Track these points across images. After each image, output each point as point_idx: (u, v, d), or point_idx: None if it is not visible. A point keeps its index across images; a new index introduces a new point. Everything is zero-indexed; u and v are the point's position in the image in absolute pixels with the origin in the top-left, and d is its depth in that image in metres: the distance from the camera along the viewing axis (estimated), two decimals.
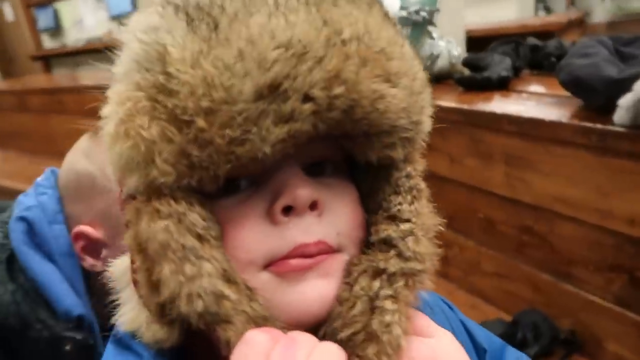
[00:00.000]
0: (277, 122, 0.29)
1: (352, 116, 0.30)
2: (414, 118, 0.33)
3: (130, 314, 0.35)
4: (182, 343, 0.33)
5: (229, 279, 0.30)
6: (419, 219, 0.35)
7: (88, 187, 0.69)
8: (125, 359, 0.35)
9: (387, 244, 0.34)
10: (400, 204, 0.35)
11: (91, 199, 0.68)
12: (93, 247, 0.68)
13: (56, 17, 5.74)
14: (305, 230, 0.32)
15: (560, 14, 4.84)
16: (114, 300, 0.37)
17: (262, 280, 0.32)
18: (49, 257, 0.67)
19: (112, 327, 0.37)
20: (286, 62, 0.28)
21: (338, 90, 0.29)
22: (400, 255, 0.34)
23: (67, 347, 0.65)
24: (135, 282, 0.34)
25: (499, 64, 1.24)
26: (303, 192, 0.31)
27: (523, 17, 3.94)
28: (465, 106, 1.15)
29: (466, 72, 1.31)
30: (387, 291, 0.33)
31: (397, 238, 0.34)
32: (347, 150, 0.34)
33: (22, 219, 0.67)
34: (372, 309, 0.32)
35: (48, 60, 6.05)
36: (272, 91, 0.29)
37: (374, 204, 0.36)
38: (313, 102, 0.29)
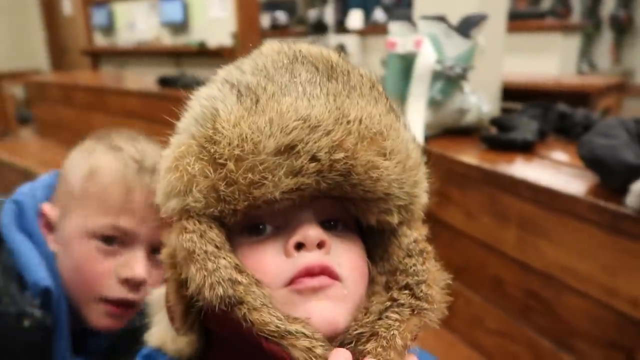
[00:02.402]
0: (288, 174, 0.38)
1: (350, 179, 0.39)
2: (407, 189, 0.42)
3: (159, 333, 0.45)
4: (201, 355, 0.42)
5: (240, 270, 0.38)
6: (430, 275, 0.43)
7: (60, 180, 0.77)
8: None
9: (405, 287, 0.42)
10: (414, 265, 0.43)
11: (58, 185, 0.76)
12: (49, 226, 0.74)
13: (111, 16, 6.00)
14: (311, 257, 0.40)
15: (599, 76, 4.81)
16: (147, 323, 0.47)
17: (281, 295, 0.39)
18: (31, 237, 0.72)
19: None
20: (302, 131, 0.38)
21: (339, 155, 0.38)
22: (413, 295, 0.41)
23: (26, 323, 0.66)
24: (167, 302, 0.43)
25: (526, 127, 1.27)
26: (313, 232, 0.39)
27: (562, 74, 3.93)
28: (486, 165, 1.18)
29: (493, 130, 1.34)
30: (395, 309, 0.41)
31: (413, 284, 0.42)
32: (352, 213, 0.43)
33: (14, 201, 0.74)
34: (380, 318, 0.40)
35: (97, 57, 6.30)
36: (288, 150, 0.38)
37: (390, 266, 0.43)
38: (318, 162, 0.38)
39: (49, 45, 6.86)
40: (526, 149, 1.23)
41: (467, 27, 1.36)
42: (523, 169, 1.15)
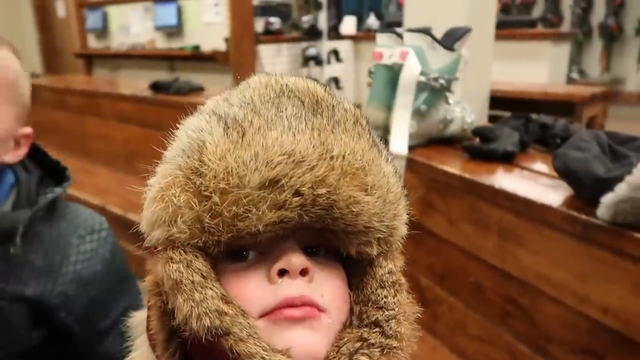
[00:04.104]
0: (271, 208, 0.38)
1: (332, 214, 0.40)
2: (387, 223, 0.42)
3: (139, 358, 0.46)
4: None
5: (227, 301, 0.39)
6: (401, 308, 0.43)
7: None
8: None
9: (375, 325, 0.42)
10: (386, 297, 0.43)
11: None
12: None
13: (105, 19, 6.00)
14: (294, 288, 0.40)
15: (586, 86, 4.88)
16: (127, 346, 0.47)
17: (261, 324, 0.39)
18: None
19: None
20: (286, 165, 0.38)
21: (321, 190, 0.39)
22: (383, 333, 0.42)
23: None
24: (148, 329, 0.43)
25: (507, 138, 1.30)
26: (296, 259, 0.40)
27: (552, 82, 3.98)
28: (467, 175, 1.22)
29: (476, 140, 1.38)
30: (366, 351, 0.41)
31: (383, 321, 0.42)
32: (332, 244, 0.43)
33: None
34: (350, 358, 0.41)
35: (91, 60, 6.30)
36: (272, 184, 0.38)
37: (363, 296, 0.44)
38: (301, 197, 0.38)
39: (42, 48, 6.86)
40: (507, 159, 1.27)
41: (451, 39, 1.40)
42: (503, 179, 1.18)
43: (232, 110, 0.42)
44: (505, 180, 1.17)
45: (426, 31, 1.37)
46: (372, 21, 5.99)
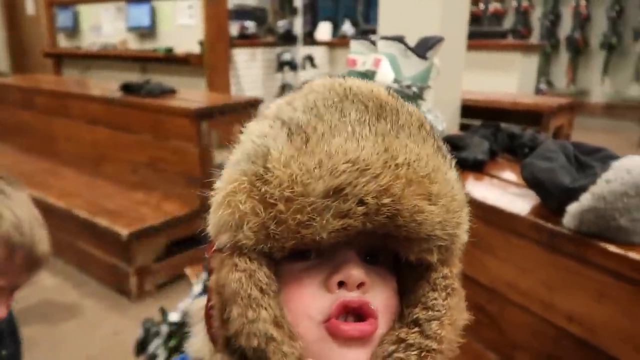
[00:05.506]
0: (335, 216, 0.38)
1: (395, 222, 0.39)
2: (450, 231, 0.42)
3: (198, 344, 0.46)
4: None
5: (277, 324, 0.40)
6: (449, 312, 0.43)
7: None
8: None
9: (415, 324, 0.42)
10: (435, 299, 0.43)
11: None
12: None
13: (75, 18, 5.87)
14: (350, 296, 0.41)
15: (553, 97, 5.03)
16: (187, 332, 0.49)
17: (317, 334, 0.41)
18: None
19: None
20: (351, 174, 0.38)
21: (386, 200, 0.38)
22: (422, 333, 0.42)
23: None
24: (208, 319, 0.45)
25: (477, 147, 1.32)
26: (356, 273, 0.41)
27: (521, 92, 4.08)
28: None
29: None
30: (400, 354, 0.41)
31: (424, 320, 0.42)
32: (393, 249, 0.43)
33: None
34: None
35: (60, 59, 6.15)
36: (337, 193, 0.38)
37: (414, 299, 0.44)
38: (365, 206, 0.38)
39: (9, 46, 6.66)
40: (477, 167, 1.28)
41: (423, 48, 1.41)
42: (473, 188, 1.20)
43: (296, 115, 0.42)
44: (475, 188, 1.19)
45: (399, 39, 1.38)
46: (347, 28, 6.04)
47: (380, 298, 0.43)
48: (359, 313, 0.41)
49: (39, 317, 2.28)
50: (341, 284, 0.41)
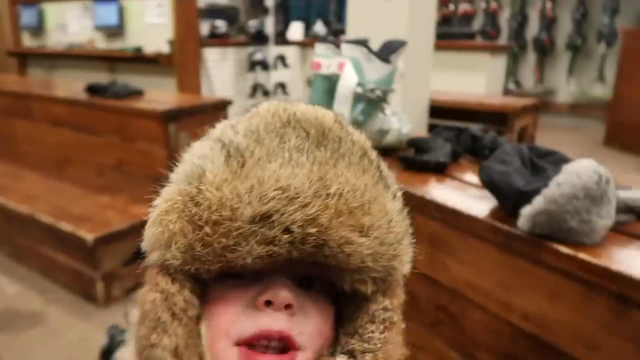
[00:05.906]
0: (260, 243, 0.38)
1: (323, 252, 0.39)
2: (384, 263, 0.42)
3: (126, 354, 0.46)
4: None
5: (177, 354, 0.40)
6: (385, 346, 0.43)
7: None
8: None
9: (350, 354, 0.43)
10: (372, 332, 0.43)
11: None
12: None
13: (40, 17, 5.73)
14: (274, 320, 0.41)
15: (518, 98, 5.17)
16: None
17: (232, 355, 0.40)
18: None
19: None
20: (279, 201, 0.38)
21: (311, 230, 0.38)
22: None
23: None
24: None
25: (440, 149, 1.34)
26: (284, 293, 0.41)
27: (489, 92, 4.16)
28: (401, 185, 1.24)
29: (410, 151, 1.41)
30: None
31: (358, 351, 0.42)
32: (326, 277, 0.43)
33: None
34: None
35: (25, 59, 5.99)
36: (263, 219, 0.38)
37: (352, 329, 0.44)
38: (291, 234, 0.38)
39: None
40: (439, 170, 1.30)
41: (387, 52, 1.42)
42: (434, 190, 1.22)
43: (237, 138, 0.42)
44: (437, 190, 1.21)
45: (363, 43, 1.40)
46: (319, 28, 6.04)
47: (310, 324, 0.42)
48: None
49: (1, 327, 2.21)
50: (269, 304, 0.41)
